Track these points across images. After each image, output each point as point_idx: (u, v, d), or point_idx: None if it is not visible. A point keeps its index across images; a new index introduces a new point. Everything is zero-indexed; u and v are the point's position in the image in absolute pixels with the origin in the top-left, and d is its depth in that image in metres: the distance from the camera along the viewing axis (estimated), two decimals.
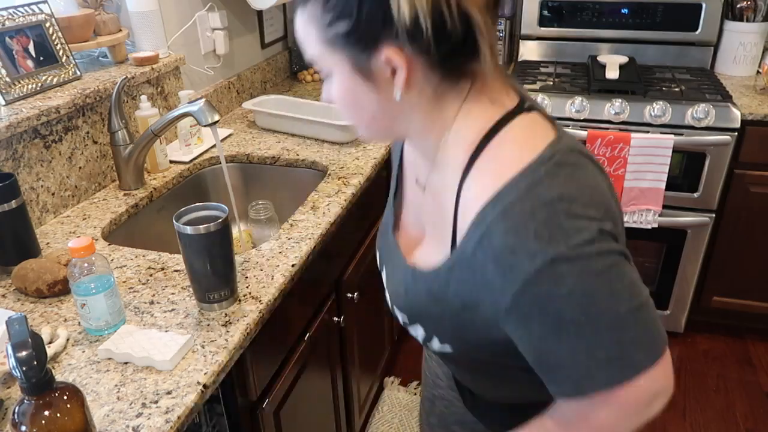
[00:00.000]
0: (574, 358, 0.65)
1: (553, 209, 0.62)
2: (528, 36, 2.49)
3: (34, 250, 1.17)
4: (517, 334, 0.67)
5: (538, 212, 0.62)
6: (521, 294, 0.63)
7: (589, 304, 0.62)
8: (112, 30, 1.59)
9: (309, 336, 1.31)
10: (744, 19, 2.24)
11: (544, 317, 0.63)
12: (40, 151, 1.31)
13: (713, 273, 2.21)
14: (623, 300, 0.64)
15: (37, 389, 0.66)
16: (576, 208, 0.63)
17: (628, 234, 2.16)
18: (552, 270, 0.61)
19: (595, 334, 0.63)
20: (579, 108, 2.03)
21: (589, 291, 0.62)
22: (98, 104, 1.46)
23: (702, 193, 2.06)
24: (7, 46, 1.31)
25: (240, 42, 2.14)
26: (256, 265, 1.14)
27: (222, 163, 1.31)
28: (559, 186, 0.63)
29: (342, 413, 1.63)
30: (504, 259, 0.63)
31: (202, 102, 1.27)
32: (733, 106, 1.95)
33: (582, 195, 0.64)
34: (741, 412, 2.03)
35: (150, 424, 0.79)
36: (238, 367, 1.02)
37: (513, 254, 0.62)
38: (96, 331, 0.96)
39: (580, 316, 0.62)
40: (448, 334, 0.77)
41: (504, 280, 0.63)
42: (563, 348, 0.64)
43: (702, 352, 2.31)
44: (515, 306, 0.64)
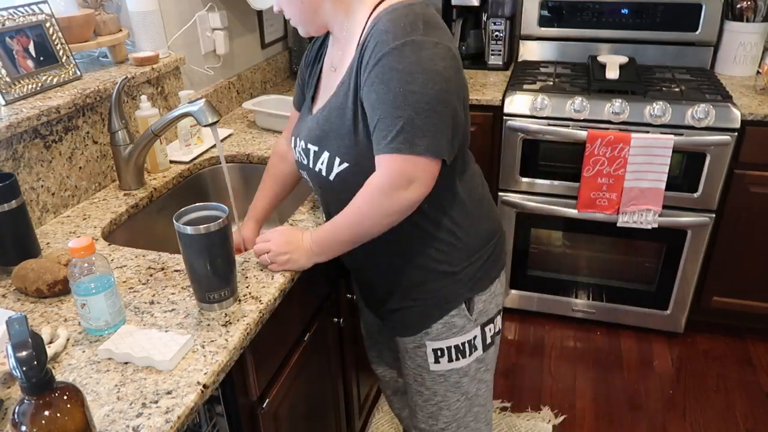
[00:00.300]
0: (384, 123, 0.94)
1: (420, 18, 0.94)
2: (528, 36, 2.49)
3: (34, 250, 1.17)
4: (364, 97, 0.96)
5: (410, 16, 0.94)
6: (378, 62, 0.93)
7: (409, 81, 0.91)
8: (112, 30, 1.59)
9: (309, 336, 1.31)
10: (744, 19, 2.24)
11: (380, 85, 0.93)
12: (40, 151, 1.31)
13: (713, 273, 2.21)
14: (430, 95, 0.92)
15: (37, 389, 0.66)
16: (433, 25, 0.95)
17: (627, 234, 2.17)
18: (402, 49, 0.91)
19: (402, 106, 0.92)
20: (579, 108, 2.03)
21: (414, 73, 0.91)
22: (98, 104, 1.46)
23: (702, 193, 2.06)
24: (8, 46, 1.31)
25: (240, 42, 2.14)
26: (256, 265, 1.14)
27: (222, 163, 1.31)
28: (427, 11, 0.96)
29: (342, 413, 1.63)
30: (380, 36, 0.93)
31: (202, 102, 1.27)
32: (733, 106, 1.95)
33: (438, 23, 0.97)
34: (741, 412, 2.03)
35: (150, 424, 0.79)
36: (238, 367, 1.02)
37: (386, 34, 0.93)
38: (96, 331, 0.96)
39: (399, 88, 0.92)
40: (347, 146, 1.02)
41: (374, 51, 0.93)
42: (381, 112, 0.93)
43: (702, 352, 2.31)
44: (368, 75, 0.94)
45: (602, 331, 2.42)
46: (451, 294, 1.15)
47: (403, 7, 0.95)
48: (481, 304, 1.17)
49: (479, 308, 1.17)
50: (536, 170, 2.18)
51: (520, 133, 2.13)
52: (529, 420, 2.01)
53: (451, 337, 1.17)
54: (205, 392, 0.86)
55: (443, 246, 1.11)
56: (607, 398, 2.11)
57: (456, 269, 1.13)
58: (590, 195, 2.10)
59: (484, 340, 1.20)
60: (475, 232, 1.14)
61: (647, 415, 2.03)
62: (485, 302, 1.18)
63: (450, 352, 1.18)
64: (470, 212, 1.13)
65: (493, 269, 1.19)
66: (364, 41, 0.96)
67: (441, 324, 1.16)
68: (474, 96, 2.15)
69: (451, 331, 1.17)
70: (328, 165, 1.06)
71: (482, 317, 1.18)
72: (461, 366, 1.20)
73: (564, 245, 2.32)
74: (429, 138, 0.93)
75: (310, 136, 1.09)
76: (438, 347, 1.18)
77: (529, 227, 2.31)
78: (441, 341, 1.18)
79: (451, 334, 1.17)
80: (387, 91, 0.92)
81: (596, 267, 2.32)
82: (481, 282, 1.16)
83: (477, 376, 1.23)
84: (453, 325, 1.16)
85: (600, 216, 2.13)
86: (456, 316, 1.16)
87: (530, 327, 2.47)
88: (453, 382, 1.22)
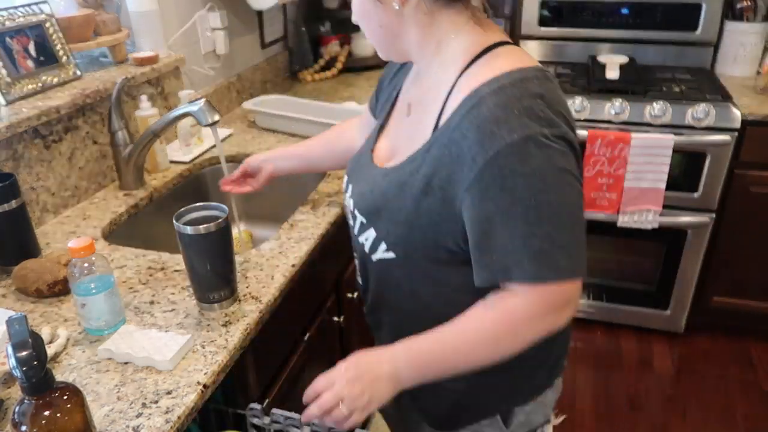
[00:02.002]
0: (511, 242, 0.73)
1: (537, 101, 0.73)
2: (528, 36, 2.49)
3: (34, 250, 1.17)
4: (469, 211, 0.75)
5: (525, 100, 0.73)
6: (491, 163, 0.72)
7: (542, 190, 0.72)
8: (112, 30, 1.59)
9: (309, 336, 1.31)
10: (744, 19, 2.24)
11: (501, 192, 0.72)
12: (40, 151, 1.31)
13: (713, 273, 2.21)
14: (569, 204, 0.74)
15: (37, 389, 0.66)
16: (555, 108, 0.74)
17: (627, 234, 2.17)
18: (524, 146, 0.71)
19: (536, 221, 0.72)
20: (579, 108, 2.03)
21: (546, 178, 0.72)
22: (98, 104, 1.46)
23: (702, 193, 2.06)
24: (8, 46, 1.31)
25: (240, 42, 2.14)
26: (256, 265, 1.14)
27: (222, 163, 1.31)
28: (544, 89, 0.75)
29: None
30: (487, 126, 0.72)
31: (202, 102, 1.27)
32: (733, 106, 1.95)
33: (560, 103, 0.76)
34: (741, 412, 2.03)
35: (150, 424, 0.79)
36: (238, 367, 1.02)
37: (496, 124, 0.72)
38: (96, 331, 0.96)
39: (531, 199, 0.72)
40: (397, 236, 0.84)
41: (480, 147, 0.72)
42: (505, 230, 0.73)
43: (702, 352, 2.31)
44: (480, 176, 0.73)
45: (602, 331, 2.42)
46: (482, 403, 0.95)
47: (513, 86, 0.74)
48: (523, 416, 0.96)
49: (520, 420, 0.96)
50: None
51: None
52: None
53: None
54: (205, 392, 0.86)
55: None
56: (607, 398, 2.10)
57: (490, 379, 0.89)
58: (590, 195, 2.10)
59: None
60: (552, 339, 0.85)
61: (647, 415, 2.03)
62: (528, 414, 0.96)
63: None
64: None
65: (548, 378, 0.98)
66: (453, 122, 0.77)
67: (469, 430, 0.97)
68: None
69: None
70: (372, 245, 0.89)
71: (522, 429, 0.97)
72: None
73: None
74: (572, 257, 0.75)
75: (361, 202, 0.91)
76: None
77: None
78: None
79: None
80: (512, 202, 0.72)
81: (596, 267, 2.32)
82: (526, 393, 0.96)
83: None
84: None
85: (600, 216, 2.13)
86: (488, 427, 0.96)
87: None
88: None
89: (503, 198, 0.72)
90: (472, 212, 0.75)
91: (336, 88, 2.32)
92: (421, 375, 0.82)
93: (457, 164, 0.75)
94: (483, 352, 0.80)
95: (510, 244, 0.74)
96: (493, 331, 0.78)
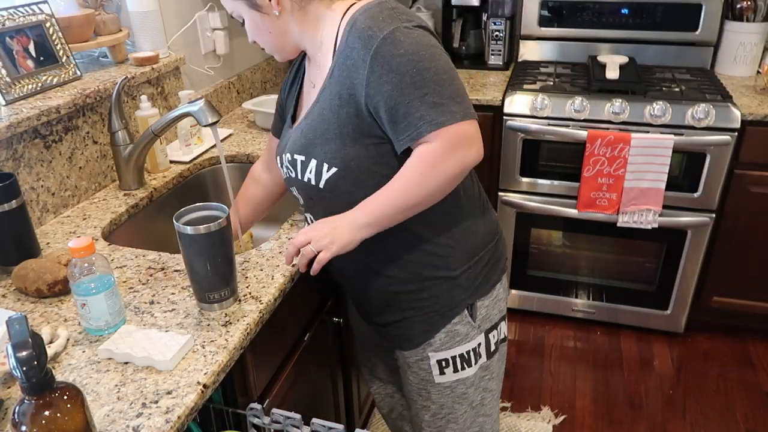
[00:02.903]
0: (412, 104, 0.93)
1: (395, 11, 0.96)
2: (528, 36, 2.49)
3: (34, 250, 1.17)
4: (375, 100, 0.95)
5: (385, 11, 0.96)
6: (374, 56, 0.93)
7: (418, 60, 0.92)
8: (112, 30, 1.59)
9: (309, 336, 1.31)
10: (744, 19, 2.24)
11: (389, 74, 0.92)
12: (40, 151, 1.31)
13: (713, 273, 2.21)
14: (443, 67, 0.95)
15: (38, 389, 0.66)
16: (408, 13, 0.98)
17: (627, 234, 2.17)
18: (393, 36, 0.92)
19: (423, 85, 0.93)
20: (579, 108, 2.03)
21: (419, 52, 0.93)
22: (98, 104, 1.46)
23: (702, 193, 2.06)
24: (8, 46, 1.31)
25: (240, 42, 2.14)
26: (256, 265, 1.14)
27: (222, 163, 1.31)
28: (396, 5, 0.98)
29: (342, 413, 1.63)
30: (364, 33, 0.94)
31: (202, 102, 1.27)
32: (733, 106, 1.95)
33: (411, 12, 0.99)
34: (741, 412, 2.03)
35: (150, 424, 0.79)
36: (238, 367, 1.02)
37: (370, 29, 0.94)
38: (96, 331, 0.96)
39: (413, 70, 0.92)
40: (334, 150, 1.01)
41: (364, 49, 0.93)
42: (405, 98, 0.93)
43: (702, 352, 2.31)
44: (371, 69, 0.93)
45: (602, 331, 2.42)
46: (453, 300, 1.11)
47: (376, 5, 0.97)
48: (484, 309, 1.14)
49: (482, 314, 1.14)
50: (536, 170, 2.18)
51: (520, 133, 2.13)
52: (529, 420, 2.01)
53: (455, 346, 1.14)
54: (205, 392, 0.86)
55: (440, 249, 1.09)
56: (607, 398, 2.11)
57: (455, 273, 1.10)
58: (590, 195, 2.10)
59: (488, 347, 1.17)
60: (473, 233, 1.11)
61: (647, 415, 2.03)
62: (488, 308, 1.15)
63: (455, 362, 1.15)
64: (467, 211, 1.11)
65: (495, 272, 1.16)
66: (343, 45, 0.97)
67: (444, 333, 1.13)
68: (474, 96, 2.15)
69: (454, 340, 1.13)
70: (316, 173, 1.04)
71: (486, 323, 1.15)
72: (467, 376, 1.17)
73: (564, 245, 2.32)
74: (461, 103, 0.95)
75: (295, 146, 1.07)
76: (442, 358, 1.15)
77: (529, 227, 2.30)
78: (445, 351, 1.14)
79: (455, 343, 1.13)
80: (399, 78, 0.92)
81: (596, 267, 2.32)
82: (482, 286, 1.13)
83: (481, 384, 1.20)
84: (456, 333, 1.13)
85: (600, 216, 2.13)
86: (459, 324, 1.12)
87: (530, 327, 2.47)
88: (460, 393, 1.18)
89: (393, 77, 0.92)
90: (376, 99, 0.95)
91: None
92: (375, 218, 1.00)
93: (354, 71, 0.95)
94: (415, 188, 0.98)
95: (410, 110, 0.94)
96: (418, 170, 0.97)
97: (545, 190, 2.20)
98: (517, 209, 2.26)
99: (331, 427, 0.85)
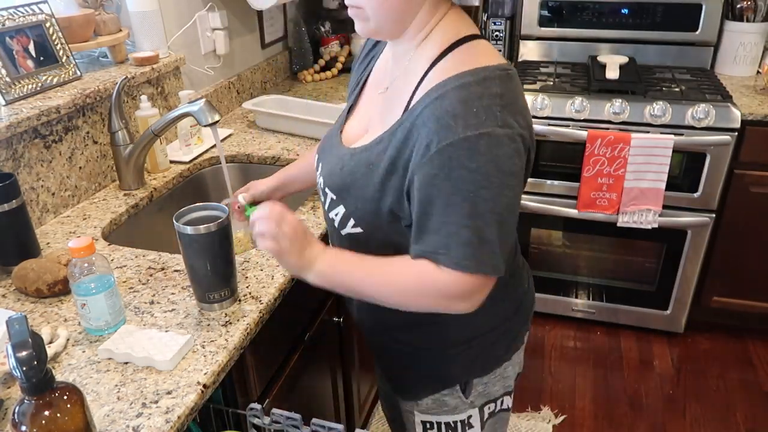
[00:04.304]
0: (446, 227, 0.79)
1: (496, 101, 0.77)
2: (528, 36, 2.49)
3: (34, 250, 1.17)
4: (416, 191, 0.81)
5: (485, 99, 0.77)
6: (442, 151, 0.77)
7: (483, 186, 0.77)
8: (112, 30, 1.59)
9: (309, 336, 1.31)
10: (744, 19, 2.24)
11: (446, 181, 0.77)
12: (40, 151, 1.31)
13: (713, 273, 2.21)
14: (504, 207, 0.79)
15: (37, 389, 0.66)
16: (513, 109, 0.79)
17: (627, 234, 2.17)
18: (475, 143, 0.76)
19: (470, 214, 0.77)
20: (579, 108, 2.03)
21: (490, 177, 0.77)
22: (98, 104, 1.46)
23: (702, 193, 2.06)
24: (8, 46, 1.31)
25: (240, 42, 2.14)
26: (256, 265, 1.14)
27: (222, 163, 1.31)
28: (505, 89, 0.79)
29: (342, 413, 1.63)
30: (445, 119, 0.77)
31: (202, 102, 1.27)
32: (733, 106, 1.95)
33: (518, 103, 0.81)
34: (741, 412, 2.03)
35: (150, 424, 0.79)
36: (238, 367, 1.02)
37: (454, 118, 0.76)
38: (96, 331, 0.96)
39: (471, 193, 0.77)
40: (365, 212, 0.89)
41: (436, 136, 0.77)
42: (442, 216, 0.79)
43: (702, 352, 2.31)
44: (431, 162, 0.78)
45: (602, 331, 2.42)
46: (446, 373, 1.02)
47: (477, 84, 0.78)
48: (482, 386, 1.03)
49: (479, 390, 1.03)
50: (536, 170, 2.18)
51: None
52: (529, 420, 2.01)
53: (442, 414, 1.05)
54: (205, 392, 0.86)
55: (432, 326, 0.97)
56: (607, 398, 2.11)
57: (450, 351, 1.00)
58: (590, 195, 2.10)
59: (482, 419, 1.07)
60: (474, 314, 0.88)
61: (647, 415, 2.03)
62: (487, 385, 1.04)
63: (440, 427, 1.06)
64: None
65: (502, 349, 1.03)
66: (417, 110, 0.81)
67: (431, 399, 1.04)
68: None
69: (441, 409, 1.04)
70: (341, 220, 0.94)
71: (480, 399, 1.05)
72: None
73: (564, 245, 2.32)
74: (496, 255, 0.81)
75: (331, 180, 0.94)
76: (427, 420, 1.07)
77: (529, 227, 2.30)
78: (431, 416, 1.06)
79: (442, 411, 1.05)
80: (453, 192, 0.77)
81: (596, 267, 2.32)
82: (484, 364, 1.02)
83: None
84: (444, 403, 1.04)
85: (600, 216, 2.13)
86: (448, 396, 1.03)
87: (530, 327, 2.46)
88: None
89: (446, 186, 0.78)
90: (418, 193, 0.81)
91: (336, 88, 2.32)
92: (329, 275, 0.90)
93: (415, 148, 0.81)
94: (386, 292, 0.88)
95: (444, 229, 0.80)
96: (405, 282, 0.85)
97: (545, 190, 2.20)
98: None
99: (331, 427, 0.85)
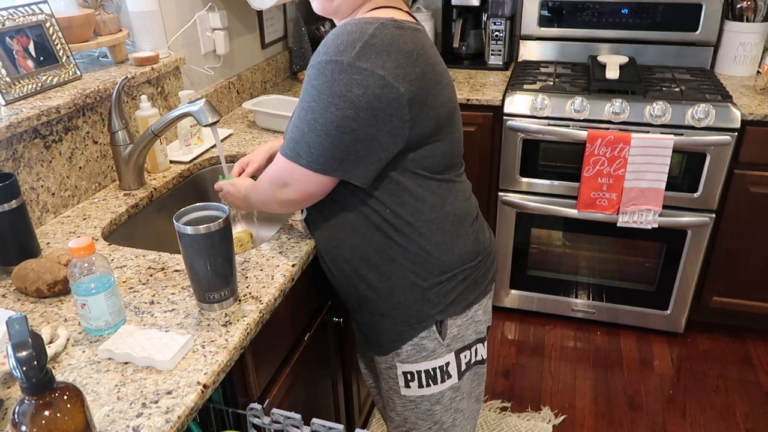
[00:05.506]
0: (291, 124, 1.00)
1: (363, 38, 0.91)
2: (528, 36, 2.49)
3: (34, 250, 1.17)
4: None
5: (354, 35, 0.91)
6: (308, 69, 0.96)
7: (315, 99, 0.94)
8: (112, 30, 1.59)
9: (309, 336, 1.31)
10: (744, 19, 2.24)
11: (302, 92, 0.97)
12: (40, 151, 1.31)
13: (713, 273, 2.22)
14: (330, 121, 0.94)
15: (37, 389, 0.66)
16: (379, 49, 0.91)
17: (627, 234, 2.17)
18: (324, 65, 0.92)
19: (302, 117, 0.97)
20: (579, 108, 2.03)
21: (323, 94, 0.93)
22: (98, 104, 1.46)
23: (702, 193, 2.06)
24: (8, 46, 1.31)
25: (240, 42, 2.14)
26: (256, 265, 1.14)
27: (222, 163, 1.31)
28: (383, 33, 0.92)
29: (342, 413, 1.63)
30: (320, 47, 0.95)
31: (202, 102, 1.27)
32: (733, 106, 1.95)
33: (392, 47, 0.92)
34: (741, 412, 2.03)
35: (150, 424, 0.79)
36: (238, 367, 1.02)
37: (324, 46, 0.94)
38: (96, 331, 0.96)
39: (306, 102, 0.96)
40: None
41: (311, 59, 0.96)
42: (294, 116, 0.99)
43: (702, 352, 2.31)
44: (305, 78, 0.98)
45: (602, 331, 2.43)
46: (421, 313, 1.09)
47: (356, 24, 0.93)
48: (456, 329, 1.12)
49: (453, 333, 1.11)
50: (536, 170, 2.18)
51: (520, 133, 2.13)
52: (529, 420, 2.01)
53: (421, 360, 1.12)
54: (205, 392, 0.86)
55: (409, 255, 1.07)
56: (607, 398, 2.11)
57: (424, 284, 1.08)
58: (590, 195, 2.10)
59: (459, 367, 1.14)
60: (448, 249, 1.07)
61: (647, 415, 2.03)
62: (460, 327, 1.12)
63: (420, 377, 1.13)
64: (443, 227, 1.07)
65: (472, 293, 1.12)
66: None
67: (410, 346, 1.11)
68: (474, 96, 2.15)
69: (420, 354, 1.11)
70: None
71: (456, 343, 1.12)
72: (432, 393, 1.14)
73: (564, 245, 2.32)
74: (313, 154, 0.97)
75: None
76: (408, 370, 1.13)
77: (529, 227, 2.31)
78: (411, 364, 1.12)
79: (421, 357, 1.11)
80: (300, 101, 0.98)
81: (596, 267, 2.32)
82: (455, 305, 1.10)
83: (452, 405, 1.17)
84: (423, 347, 1.11)
85: (600, 216, 2.13)
86: (426, 339, 1.10)
87: (530, 327, 2.47)
88: (424, 409, 1.16)
89: (301, 96, 0.98)
90: None
91: None
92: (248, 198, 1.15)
93: None
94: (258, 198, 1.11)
95: (290, 128, 1.01)
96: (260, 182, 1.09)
97: (545, 190, 2.20)
98: (517, 209, 2.26)
99: (331, 427, 0.85)
